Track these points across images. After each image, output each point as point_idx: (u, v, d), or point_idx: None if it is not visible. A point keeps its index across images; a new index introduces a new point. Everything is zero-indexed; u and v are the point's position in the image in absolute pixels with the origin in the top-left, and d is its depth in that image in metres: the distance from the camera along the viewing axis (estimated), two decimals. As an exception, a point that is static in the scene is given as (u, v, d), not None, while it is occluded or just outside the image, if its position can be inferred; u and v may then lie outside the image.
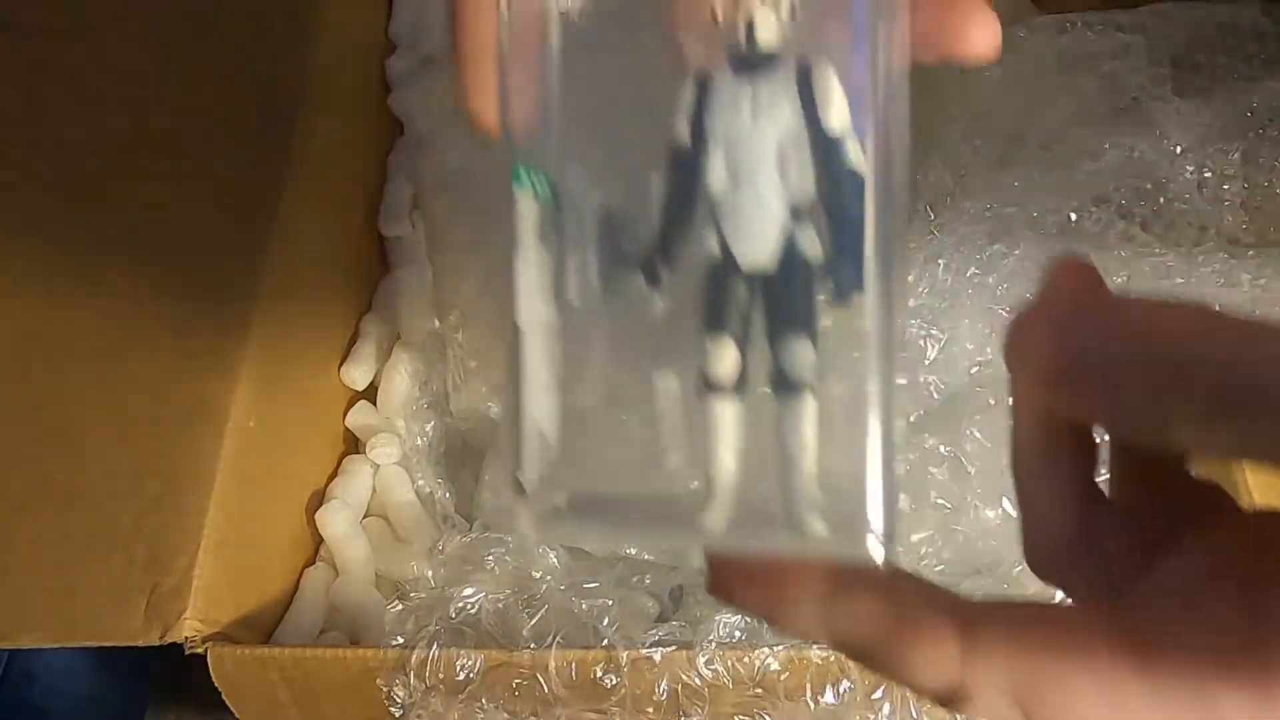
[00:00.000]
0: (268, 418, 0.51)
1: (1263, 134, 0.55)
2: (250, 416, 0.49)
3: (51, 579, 0.45)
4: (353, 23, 0.67)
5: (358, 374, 0.59)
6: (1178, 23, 0.59)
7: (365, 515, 0.56)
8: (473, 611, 0.47)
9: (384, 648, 0.44)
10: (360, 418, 0.58)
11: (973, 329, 0.50)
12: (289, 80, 0.59)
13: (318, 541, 0.54)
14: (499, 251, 0.23)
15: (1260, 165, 0.54)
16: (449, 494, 0.55)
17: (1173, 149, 0.54)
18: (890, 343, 0.20)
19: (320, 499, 0.55)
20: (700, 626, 0.44)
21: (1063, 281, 0.19)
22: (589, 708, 0.43)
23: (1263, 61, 0.58)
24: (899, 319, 0.21)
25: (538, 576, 0.50)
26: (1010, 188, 0.53)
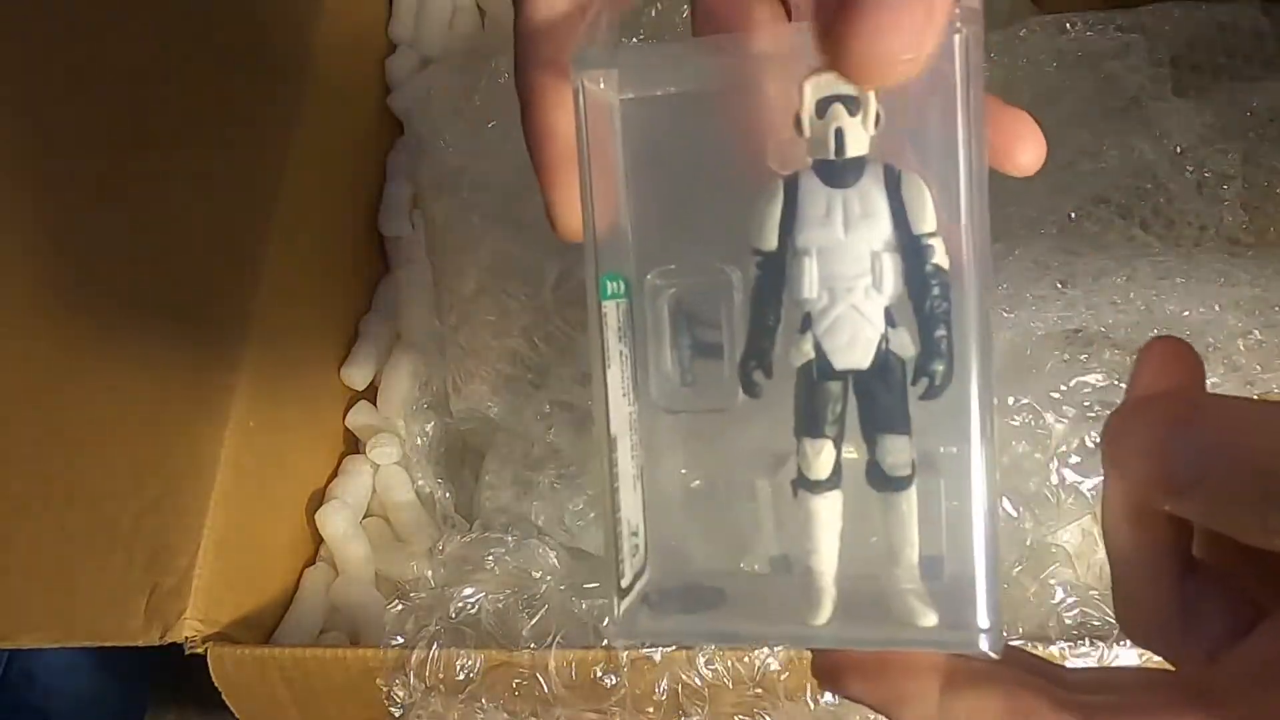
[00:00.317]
0: (268, 418, 0.51)
1: (1263, 134, 0.55)
2: (250, 416, 0.49)
3: (51, 579, 0.45)
4: (353, 23, 0.67)
5: (358, 374, 0.59)
6: (1178, 23, 0.59)
7: (365, 515, 0.56)
8: (473, 611, 0.47)
9: (384, 648, 0.44)
10: (360, 418, 0.58)
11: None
12: (289, 80, 0.59)
13: (318, 541, 0.54)
14: (590, 362, 0.23)
15: (1260, 165, 0.54)
16: (449, 494, 0.55)
17: (1173, 149, 0.54)
18: (988, 434, 0.20)
19: (320, 499, 0.55)
20: (700, 626, 0.44)
21: (1158, 372, 0.19)
22: (589, 708, 0.43)
23: (1263, 61, 0.58)
24: (991, 410, 0.21)
25: (538, 576, 0.49)
26: (1010, 187, 0.53)
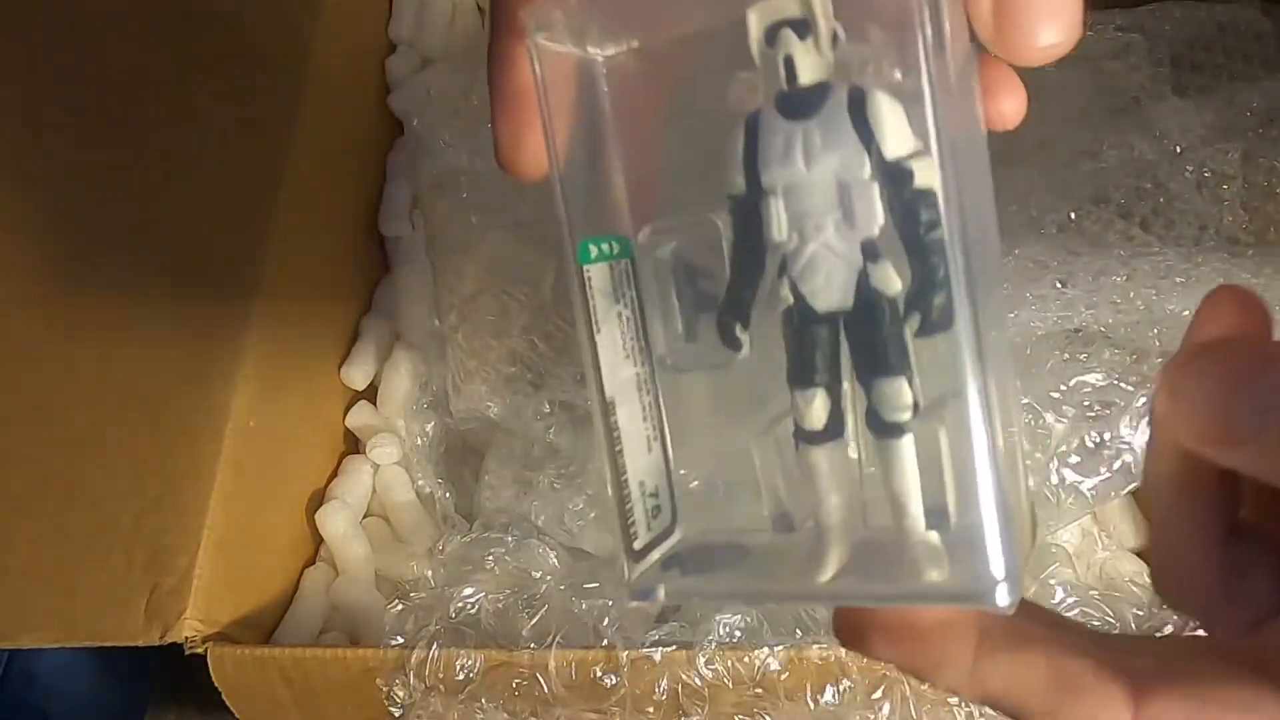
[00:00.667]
0: (268, 418, 0.51)
1: (1263, 134, 0.55)
2: (250, 416, 0.49)
3: (51, 579, 0.45)
4: (353, 23, 0.67)
5: (358, 374, 0.59)
6: (1177, 22, 0.59)
7: (365, 515, 0.56)
8: (473, 611, 0.47)
9: (384, 648, 0.44)
10: (360, 418, 0.58)
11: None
12: (289, 80, 0.59)
13: (318, 541, 0.54)
14: (578, 333, 0.22)
15: (1260, 165, 0.54)
16: (449, 494, 0.55)
17: (1173, 149, 0.54)
18: (989, 370, 0.18)
19: (320, 499, 0.55)
20: (700, 626, 0.44)
21: (1223, 321, 0.18)
22: (589, 708, 0.43)
23: (1263, 61, 0.58)
24: (998, 344, 0.19)
25: (538, 576, 0.49)
26: (1010, 187, 0.53)
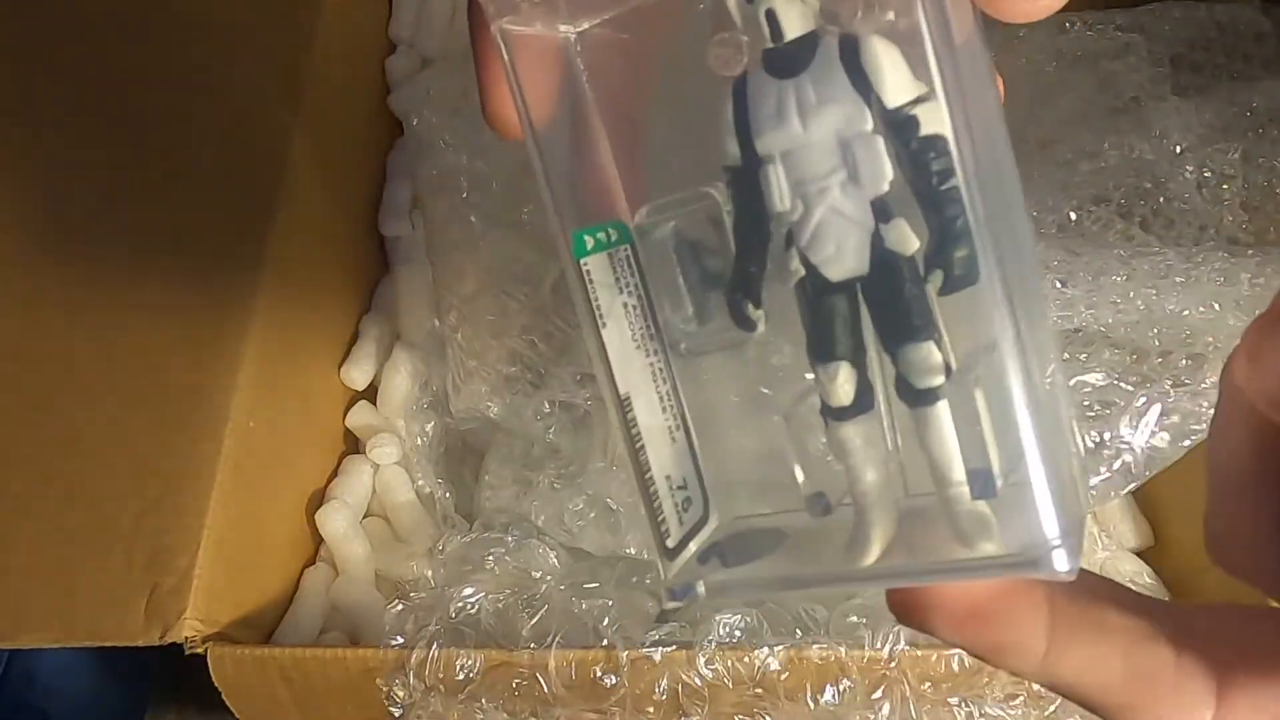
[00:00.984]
0: (268, 418, 0.51)
1: (1263, 134, 0.55)
2: (250, 417, 0.49)
3: (51, 579, 0.44)
4: (353, 23, 0.67)
5: (358, 374, 0.59)
6: (1177, 22, 0.59)
7: (365, 515, 0.56)
8: (473, 611, 0.47)
9: (384, 648, 0.43)
10: (360, 418, 0.58)
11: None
12: (289, 80, 0.59)
13: (318, 541, 0.54)
14: (582, 330, 0.20)
15: (1260, 165, 0.54)
16: (449, 494, 0.55)
17: (1172, 149, 0.54)
18: (1022, 319, 0.17)
19: (320, 499, 0.55)
20: (700, 626, 0.44)
21: None
22: (589, 708, 0.43)
23: (1263, 61, 0.58)
24: (1029, 289, 0.18)
25: (538, 576, 0.49)
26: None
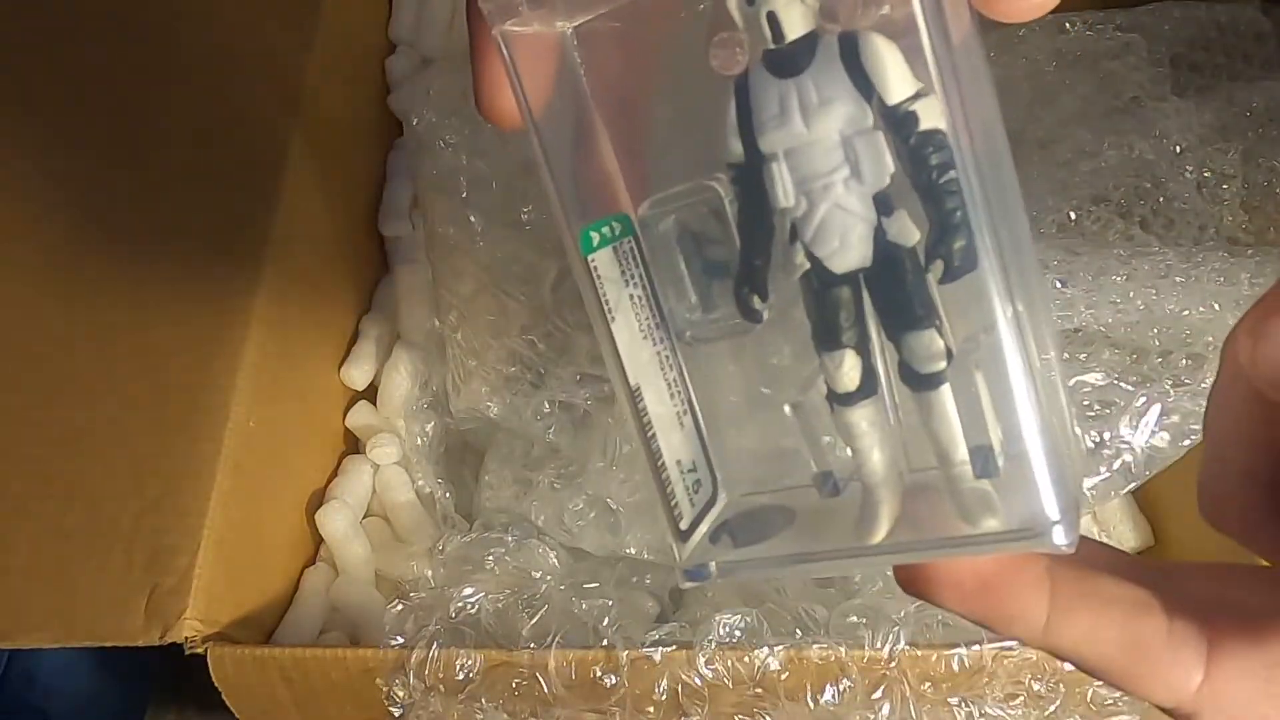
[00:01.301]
0: (268, 418, 0.51)
1: (1263, 134, 0.55)
2: (250, 416, 0.49)
3: (51, 579, 0.44)
4: (353, 23, 0.67)
5: (358, 374, 0.59)
6: (1177, 22, 0.59)
7: (365, 515, 0.56)
8: (472, 611, 0.47)
9: (384, 648, 0.43)
10: (360, 418, 0.58)
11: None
12: (289, 79, 0.59)
13: (318, 541, 0.54)
14: (592, 325, 0.21)
15: (1260, 165, 0.54)
16: (449, 494, 0.55)
17: (1172, 149, 0.54)
18: (1019, 302, 0.18)
19: (320, 499, 0.55)
20: (700, 626, 0.44)
21: None
22: (589, 708, 0.43)
23: (1262, 61, 0.58)
24: (1027, 274, 0.19)
25: (538, 576, 0.49)
26: (1010, 187, 0.53)
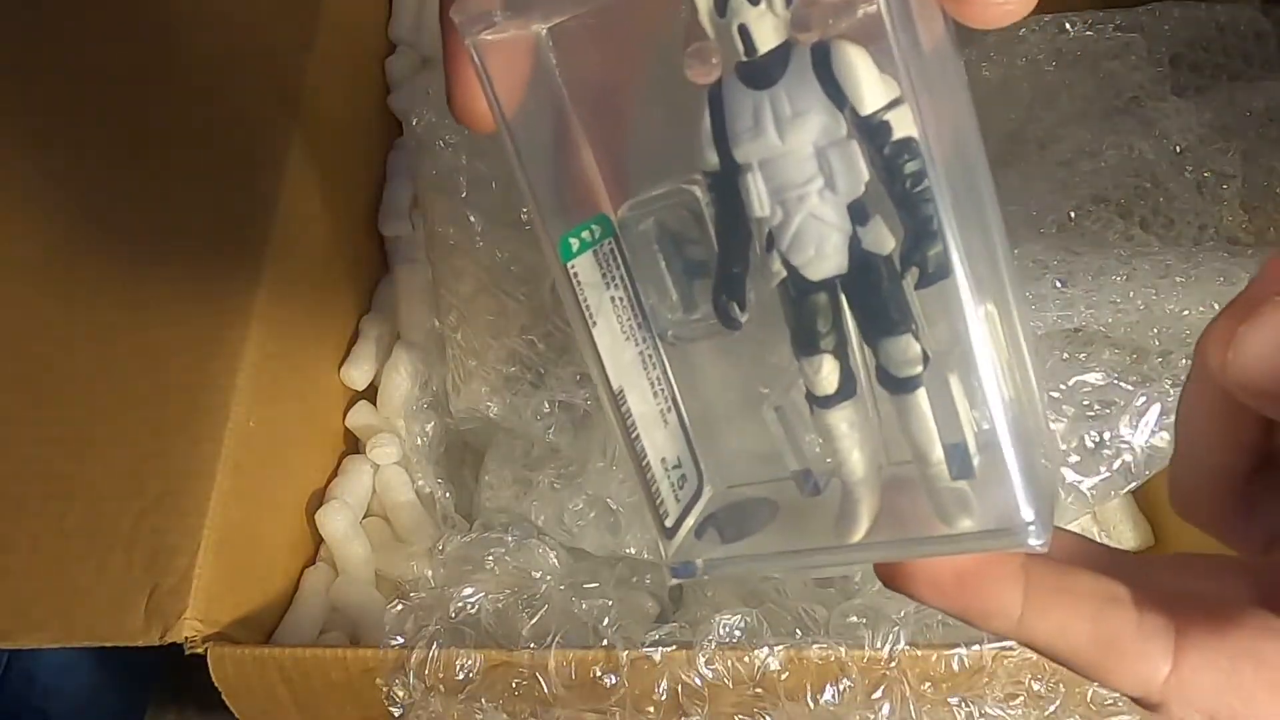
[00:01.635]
0: (268, 418, 0.51)
1: (1263, 134, 0.55)
2: (250, 416, 0.49)
3: (51, 579, 0.44)
4: (353, 23, 0.67)
5: (358, 374, 0.59)
6: (1177, 23, 0.59)
7: (365, 515, 0.56)
8: (472, 611, 0.47)
9: (384, 648, 0.44)
10: (360, 418, 0.58)
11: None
12: (288, 80, 0.59)
13: (318, 541, 0.54)
14: (574, 330, 0.21)
15: (1260, 165, 0.54)
16: (449, 494, 0.55)
17: (1172, 149, 0.54)
18: (989, 301, 0.18)
19: (320, 499, 0.55)
20: (700, 626, 0.44)
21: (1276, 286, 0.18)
22: (589, 708, 0.43)
23: (1262, 61, 0.58)
24: (1006, 284, 0.19)
25: (538, 576, 0.49)
26: (1009, 186, 0.53)
